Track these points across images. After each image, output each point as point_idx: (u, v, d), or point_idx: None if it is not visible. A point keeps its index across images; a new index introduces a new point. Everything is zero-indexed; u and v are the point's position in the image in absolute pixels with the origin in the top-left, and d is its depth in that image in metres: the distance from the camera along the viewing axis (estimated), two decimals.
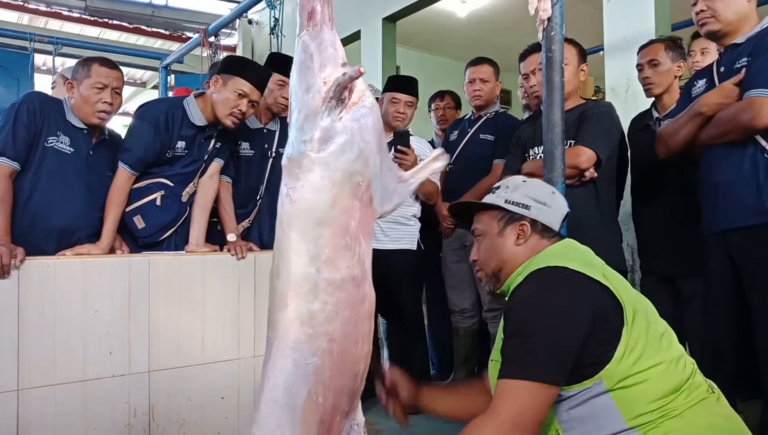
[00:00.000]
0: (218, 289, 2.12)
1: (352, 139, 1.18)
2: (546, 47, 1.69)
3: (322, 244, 1.15)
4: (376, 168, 1.20)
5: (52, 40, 4.97)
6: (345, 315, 1.16)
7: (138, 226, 2.15)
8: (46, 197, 1.99)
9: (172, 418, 2.01)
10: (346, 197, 1.17)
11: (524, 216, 1.35)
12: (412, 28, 5.46)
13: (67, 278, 1.84)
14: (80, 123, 2.07)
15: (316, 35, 1.26)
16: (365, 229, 1.20)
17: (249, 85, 2.15)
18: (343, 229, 1.16)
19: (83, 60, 2.11)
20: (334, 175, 1.17)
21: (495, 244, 1.35)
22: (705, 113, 1.83)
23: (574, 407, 1.15)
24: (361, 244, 1.19)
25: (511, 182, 1.41)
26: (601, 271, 1.22)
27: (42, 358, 1.79)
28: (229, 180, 2.38)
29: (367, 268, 1.22)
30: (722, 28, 1.84)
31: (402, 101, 2.74)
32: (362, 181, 1.18)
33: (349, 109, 1.20)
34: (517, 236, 1.34)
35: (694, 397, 1.14)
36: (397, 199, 1.29)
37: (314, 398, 1.15)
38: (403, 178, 1.31)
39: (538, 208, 1.35)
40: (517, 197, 1.36)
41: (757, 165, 1.72)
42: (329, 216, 1.16)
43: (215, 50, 4.22)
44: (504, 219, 1.36)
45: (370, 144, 1.19)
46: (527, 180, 1.42)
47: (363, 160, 1.18)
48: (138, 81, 8.40)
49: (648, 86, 2.36)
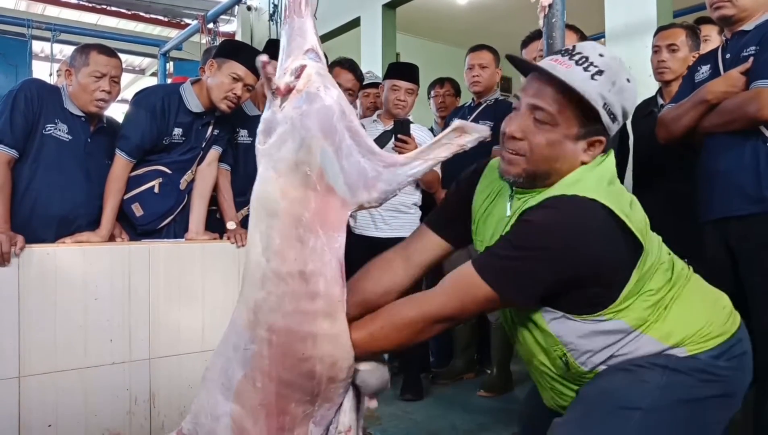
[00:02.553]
0: (218, 277, 2.13)
1: (293, 128, 1.14)
2: (547, 34, 1.68)
3: (273, 234, 1.14)
4: (328, 155, 1.14)
5: (50, 26, 4.94)
6: (287, 309, 1.13)
7: (136, 213, 2.15)
8: (45, 185, 1.99)
9: (173, 405, 2.02)
10: (295, 188, 1.13)
11: (608, 131, 1.12)
12: (413, 15, 5.42)
13: (67, 266, 1.84)
14: (78, 111, 2.06)
15: (287, 24, 1.26)
16: (325, 221, 1.14)
17: (243, 68, 2.14)
18: (295, 221, 1.12)
19: (81, 47, 2.10)
20: (278, 165, 1.15)
21: (562, 147, 1.11)
22: (710, 101, 1.81)
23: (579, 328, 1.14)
24: (318, 237, 1.13)
25: (617, 75, 1.09)
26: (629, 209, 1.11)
27: (43, 346, 1.79)
28: (228, 167, 2.38)
29: (328, 263, 1.13)
30: (737, 14, 1.81)
31: (402, 88, 2.72)
32: (310, 171, 1.14)
33: (292, 98, 1.18)
34: (586, 149, 1.12)
35: (683, 282, 1.18)
36: (384, 186, 1.16)
37: (252, 382, 1.17)
38: (397, 163, 1.19)
39: (618, 123, 1.14)
40: (615, 103, 1.09)
41: (758, 154, 1.72)
42: (279, 207, 1.14)
43: (214, 37, 4.20)
44: (585, 124, 1.10)
45: (311, 131, 1.14)
46: (631, 79, 1.12)
47: (305, 148, 1.14)
48: (137, 68, 8.36)
49: (662, 70, 2.31)
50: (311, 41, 1.23)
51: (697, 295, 1.21)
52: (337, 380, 1.17)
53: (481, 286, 1.10)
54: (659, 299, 1.14)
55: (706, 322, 1.16)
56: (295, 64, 1.19)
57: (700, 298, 1.21)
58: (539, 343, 1.20)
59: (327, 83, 1.20)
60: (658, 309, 1.14)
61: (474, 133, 1.15)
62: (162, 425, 1.99)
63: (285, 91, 1.17)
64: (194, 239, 2.18)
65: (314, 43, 1.24)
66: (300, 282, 1.12)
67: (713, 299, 1.24)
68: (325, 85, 1.18)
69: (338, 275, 1.15)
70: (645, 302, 1.13)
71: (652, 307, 1.13)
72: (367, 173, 1.15)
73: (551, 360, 1.20)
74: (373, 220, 2.72)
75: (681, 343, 1.13)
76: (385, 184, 1.16)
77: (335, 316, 1.14)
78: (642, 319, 1.13)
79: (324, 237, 1.13)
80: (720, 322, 1.18)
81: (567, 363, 1.17)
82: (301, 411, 1.18)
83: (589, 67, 1.09)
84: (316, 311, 1.13)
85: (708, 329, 1.15)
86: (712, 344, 1.14)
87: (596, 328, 1.13)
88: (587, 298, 1.11)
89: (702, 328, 1.15)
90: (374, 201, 1.18)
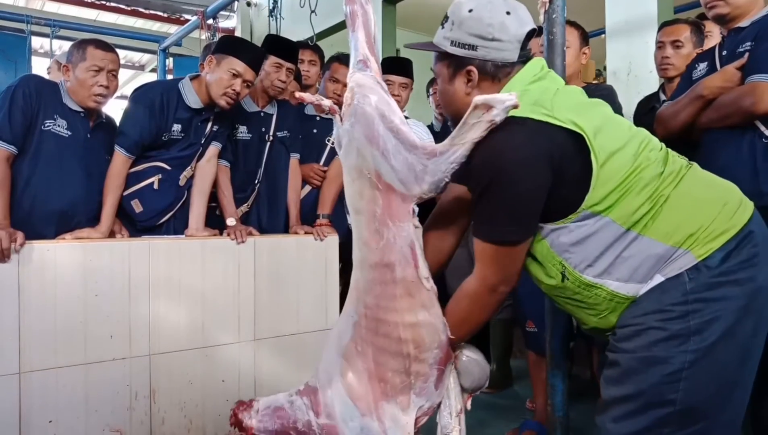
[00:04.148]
0: (218, 273, 2.13)
1: (350, 140, 1.33)
2: (547, 30, 1.68)
3: (360, 228, 1.35)
4: (377, 159, 1.28)
5: (50, 22, 4.92)
6: (376, 290, 1.34)
7: (136, 209, 2.15)
8: (45, 181, 1.99)
9: (173, 401, 2.02)
10: (366, 188, 1.32)
11: (472, 59, 1.23)
12: (412, 11, 5.40)
13: (67, 262, 1.84)
14: (77, 106, 2.06)
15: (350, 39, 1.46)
16: (392, 214, 1.30)
17: (243, 64, 2.13)
18: (372, 216, 1.31)
19: (78, 42, 2.09)
20: (350, 172, 1.36)
21: (447, 92, 1.30)
22: (706, 96, 1.83)
23: (568, 235, 1.17)
24: (389, 228, 1.30)
25: (456, 15, 1.25)
26: (550, 105, 1.15)
27: (43, 342, 1.80)
28: (227, 164, 2.38)
29: (399, 250, 1.29)
30: (731, 12, 1.82)
31: (396, 83, 2.71)
32: (369, 173, 1.30)
33: (346, 112, 1.36)
34: (465, 84, 1.26)
35: (675, 177, 1.17)
36: (431, 178, 1.25)
37: (354, 346, 1.40)
38: (437, 152, 1.23)
39: (485, 46, 1.22)
40: (461, 36, 1.23)
41: (755, 149, 1.72)
42: (360, 205, 1.34)
43: (213, 33, 4.19)
44: (452, 66, 1.27)
45: (360, 140, 1.30)
46: (474, 8, 1.23)
47: (360, 156, 1.31)
48: (136, 64, 8.34)
49: (665, 66, 2.31)
50: (362, 52, 1.42)
51: (698, 189, 1.18)
52: (424, 349, 1.33)
53: (492, 248, 1.20)
54: (651, 194, 1.13)
55: (709, 217, 1.13)
56: (348, 80, 1.40)
57: (701, 191, 1.17)
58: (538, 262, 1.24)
59: (365, 92, 1.34)
60: (651, 205, 1.13)
61: (500, 104, 1.12)
62: (162, 421, 2.00)
63: (335, 109, 1.39)
64: (194, 236, 2.18)
65: (365, 54, 1.42)
66: (382, 267, 1.32)
67: (719, 191, 1.19)
68: (363, 95, 1.34)
69: (410, 259, 1.31)
70: (634, 198, 1.12)
71: (645, 203, 1.12)
72: (415, 168, 1.26)
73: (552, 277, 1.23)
74: None
75: (685, 243, 1.11)
76: (431, 176, 1.25)
77: (413, 293, 1.31)
78: (632, 216, 1.13)
79: (394, 228, 1.30)
80: (726, 216, 1.13)
81: (564, 274, 1.20)
82: (399, 381, 1.36)
83: (444, 23, 1.29)
84: (397, 291, 1.31)
85: (713, 225, 1.12)
86: (720, 242, 1.11)
87: (585, 232, 1.15)
88: (562, 199, 1.15)
89: (704, 224, 1.12)
90: (428, 192, 1.29)
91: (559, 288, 1.24)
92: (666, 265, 1.13)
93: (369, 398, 1.38)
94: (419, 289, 1.31)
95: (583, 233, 1.16)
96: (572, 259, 1.18)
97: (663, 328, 1.11)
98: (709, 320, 1.10)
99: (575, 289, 1.21)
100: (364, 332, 1.37)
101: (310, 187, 2.67)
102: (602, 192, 1.13)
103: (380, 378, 1.37)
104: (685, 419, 1.11)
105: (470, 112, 1.16)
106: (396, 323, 1.32)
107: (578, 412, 2.03)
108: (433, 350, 1.34)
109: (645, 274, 1.14)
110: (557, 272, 1.21)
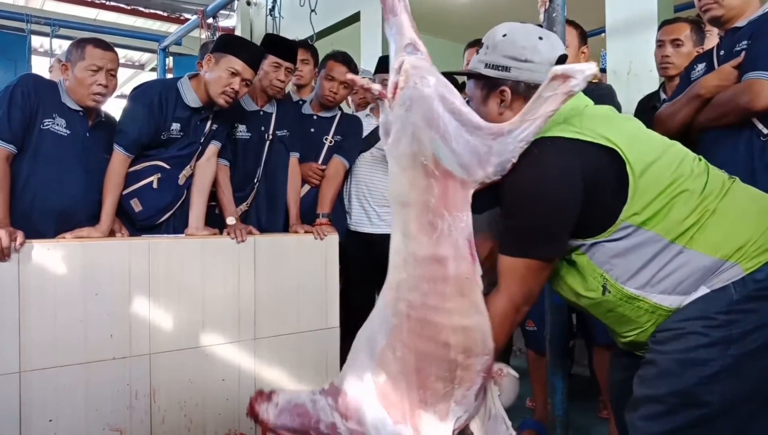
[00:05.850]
0: (218, 272, 2.13)
1: (403, 125, 1.25)
2: (547, 29, 1.67)
3: (408, 222, 1.26)
4: (437, 143, 1.20)
5: (49, 21, 4.91)
6: (424, 288, 1.23)
7: (135, 209, 2.15)
8: (44, 180, 1.99)
9: (173, 400, 2.02)
10: (419, 178, 1.23)
11: (505, 80, 1.26)
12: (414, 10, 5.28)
13: (67, 261, 1.84)
14: (76, 105, 2.06)
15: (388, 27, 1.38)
16: (449, 203, 1.21)
17: (241, 63, 2.13)
18: (425, 207, 1.22)
19: (77, 41, 2.09)
20: (400, 161, 1.27)
21: (479, 113, 1.29)
22: (703, 95, 1.83)
23: (610, 248, 1.17)
24: (445, 219, 1.21)
25: (491, 40, 1.30)
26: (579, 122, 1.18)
27: (43, 341, 1.80)
28: (227, 163, 2.38)
29: (455, 243, 1.21)
30: (725, 14, 1.84)
31: None
32: (425, 160, 1.22)
33: (397, 97, 1.27)
34: (498, 103, 1.28)
35: (720, 189, 1.17)
36: (497, 159, 1.17)
37: (391, 351, 1.28)
38: (504, 131, 1.17)
39: (518, 67, 1.25)
40: (495, 58, 1.27)
41: (753, 148, 1.73)
42: (409, 197, 1.25)
43: (213, 32, 4.18)
44: (486, 87, 1.30)
45: (417, 123, 1.22)
46: (508, 33, 1.28)
47: (417, 141, 1.22)
48: (136, 63, 8.34)
49: (665, 65, 2.32)
50: (408, 36, 1.34)
51: (744, 202, 1.18)
52: (473, 355, 1.22)
53: (522, 262, 1.19)
54: (696, 206, 1.13)
55: (758, 229, 1.12)
56: (396, 64, 1.31)
57: (747, 204, 1.18)
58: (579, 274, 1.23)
59: (423, 73, 1.26)
60: (698, 217, 1.12)
61: (579, 74, 1.08)
62: (162, 420, 2.00)
63: (389, 93, 1.29)
64: (194, 235, 2.18)
65: (412, 37, 1.34)
66: (434, 262, 1.21)
67: (764, 204, 1.20)
68: (421, 76, 1.25)
69: (466, 253, 1.21)
70: (679, 210, 1.12)
71: (691, 215, 1.12)
72: (478, 150, 1.19)
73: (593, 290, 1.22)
74: (368, 216, 2.72)
75: (733, 256, 1.11)
76: (497, 157, 1.18)
77: (466, 293, 1.21)
78: (677, 228, 1.12)
79: (450, 218, 1.21)
80: None
81: (605, 287, 1.19)
82: (441, 387, 1.24)
83: (479, 49, 1.32)
84: (448, 289, 1.21)
85: (762, 238, 1.12)
86: None
87: (626, 244, 1.15)
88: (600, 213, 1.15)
89: (753, 237, 1.12)
90: (492, 175, 1.20)
91: (598, 303, 1.23)
92: (712, 277, 1.13)
93: (404, 406, 1.28)
94: (473, 289, 1.21)
95: (624, 246, 1.15)
96: (614, 271, 1.18)
97: (705, 334, 1.11)
98: (752, 329, 1.10)
99: (616, 303, 1.20)
100: (406, 335, 1.26)
101: (309, 186, 2.67)
102: (641, 202, 1.13)
103: (420, 385, 1.26)
104: (717, 422, 1.12)
105: (546, 84, 1.12)
106: (444, 326, 1.21)
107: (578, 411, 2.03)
108: (483, 357, 1.23)
109: (690, 286, 1.14)
110: (598, 285, 1.20)
